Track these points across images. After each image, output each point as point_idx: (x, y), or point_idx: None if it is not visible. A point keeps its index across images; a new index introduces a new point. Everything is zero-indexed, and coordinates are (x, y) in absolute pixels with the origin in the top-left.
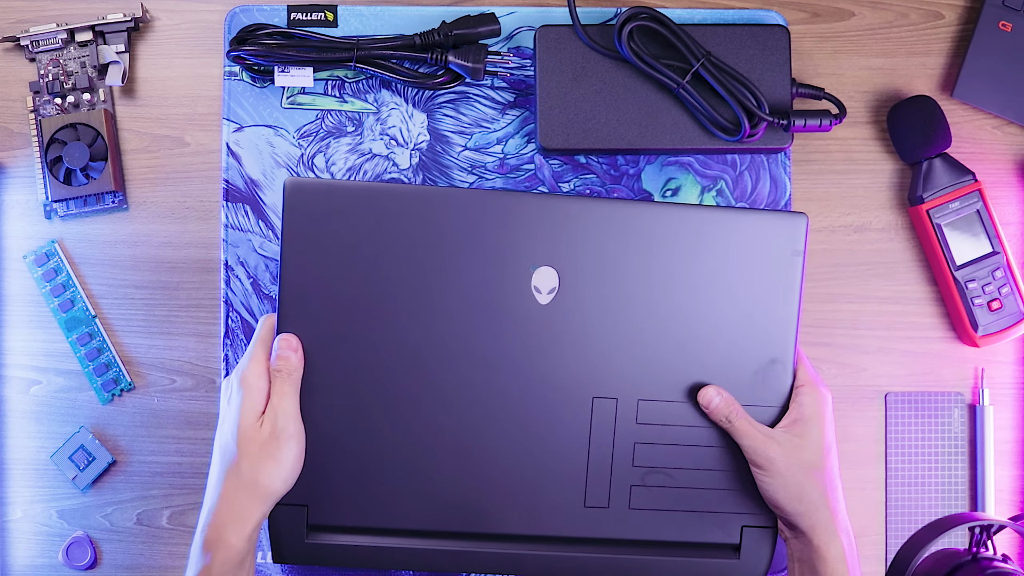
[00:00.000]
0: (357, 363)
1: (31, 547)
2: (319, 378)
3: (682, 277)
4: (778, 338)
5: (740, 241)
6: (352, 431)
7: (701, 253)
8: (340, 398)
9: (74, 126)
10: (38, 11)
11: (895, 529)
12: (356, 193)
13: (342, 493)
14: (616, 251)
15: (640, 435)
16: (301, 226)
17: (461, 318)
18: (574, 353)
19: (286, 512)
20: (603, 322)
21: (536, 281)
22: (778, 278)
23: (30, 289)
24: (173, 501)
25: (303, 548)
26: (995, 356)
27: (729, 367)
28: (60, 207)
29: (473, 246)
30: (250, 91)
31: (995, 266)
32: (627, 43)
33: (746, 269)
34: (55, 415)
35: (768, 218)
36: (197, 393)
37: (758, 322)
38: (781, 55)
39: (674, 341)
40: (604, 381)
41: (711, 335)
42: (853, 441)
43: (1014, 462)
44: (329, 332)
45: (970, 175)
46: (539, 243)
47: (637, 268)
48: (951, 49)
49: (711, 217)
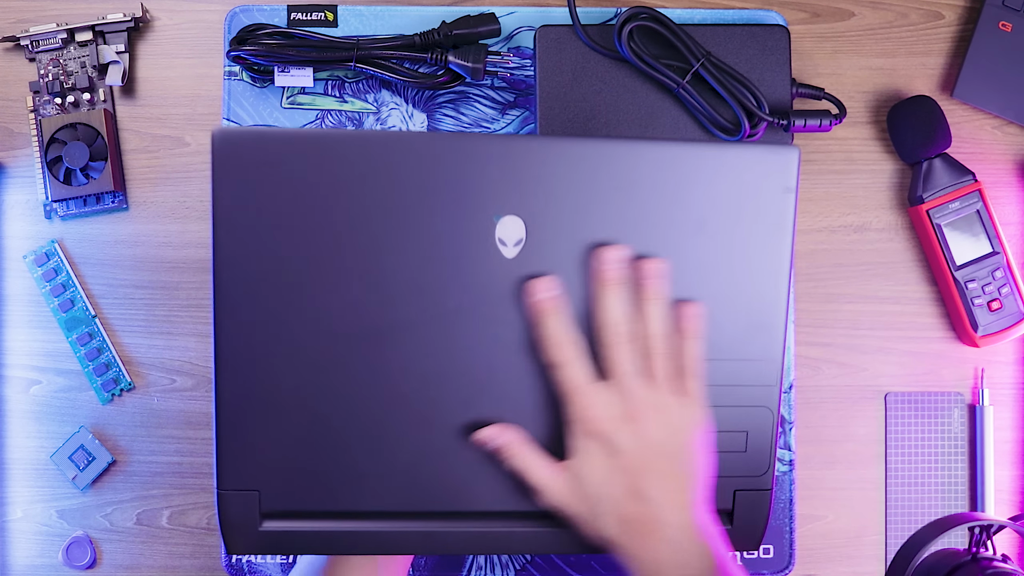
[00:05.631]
0: (305, 332)
1: (31, 547)
2: (264, 350)
3: (662, 222)
4: (770, 285)
5: (725, 179)
6: (303, 407)
7: (682, 194)
8: (288, 371)
9: (74, 126)
10: (38, 11)
11: (895, 529)
12: (295, 141)
13: (296, 475)
14: (588, 195)
15: None
16: (234, 182)
17: (418, 276)
18: None
19: (236, 499)
20: (575, 274)
21: (500, 232)
22: (768, 219)
23: (30, 289)
24: (173, 501)
25: (257, 537)
26: (995, 356)
27: (717, 318)
28: (60, 207)
29: (428, 196)
30: (250, 91)
31: (995, 266)
32: (627, 43)
33: (733, 210)
34: (55, 415)
35: (756, 152)
36: (197, 393)
37: (747, 268)
38: (781, 55)
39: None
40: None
41: (696, 284)
42: (853, 441)
43: (1014, 462)
44: (272, 299)
45: (970, 175)
46: (502, 190)
47: (612, 213)
48: (951, 49)
49: (692, 153)
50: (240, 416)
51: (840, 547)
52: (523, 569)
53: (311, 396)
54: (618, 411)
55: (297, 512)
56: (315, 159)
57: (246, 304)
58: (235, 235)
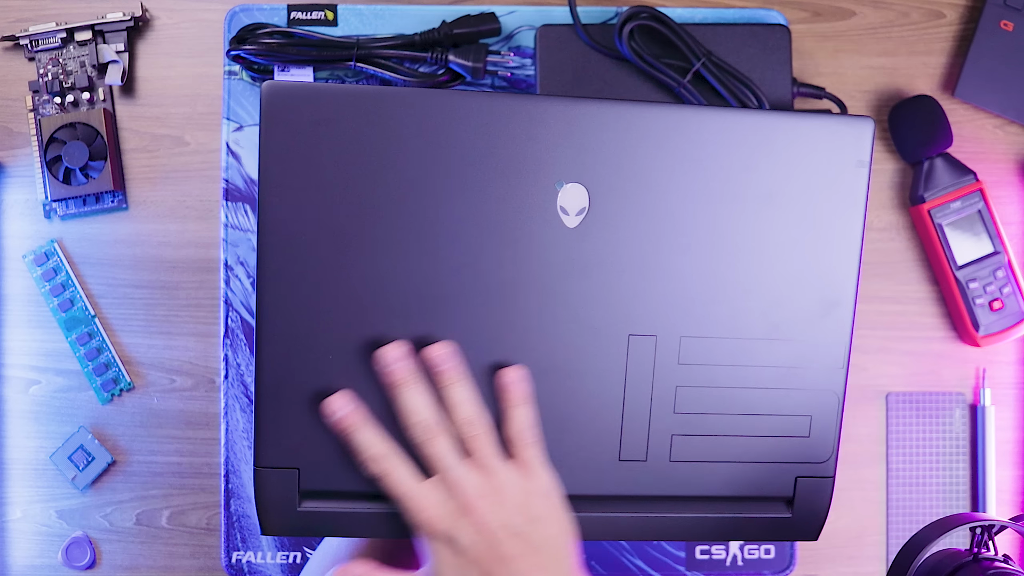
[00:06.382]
0: (352, 302)
1: (30, 547)
2: (308, 322)
3: (730, 194)
4: (841, 263)
5: (797, 150)
6: (350, 381)
7: (752, 165)
8: (333, 344)
9: (73, 125)
10: (37, 10)
11: (896, 529)
12: (349, 97)
13: (337, 454)
14: (654, 164)
15: (682, 377)
16: (283, 140)
17: (474, 245)
18: (606, 284)
19: (274, 477)
20: (640, 248)
21: (562, 200)
22: (841, 194)
23: (29, 289)
24: (172, 501)
25: (295, 517)
26: (996, 356)
27: (783, 298)
28: (59, 207)
29: (487, 159)
30: (250, 90)
31: (996, 266)
32: (627, 42)
33: (803, 183)
34: (54, 415)
35: (829, 123)
36: (197, 393)
37: (818, 245)
38: (782, 54)
39: (721, 269)
40: (641, 316)
41: (763, 260)
42: (854, 442)
43: (1015, 462)
44: (318, 265)
45: (971, 175)
46: (565, 156)
47: (679, 184)
48: (952, 48)
49: (764, 123)
50: (281, 390)
51: (841, 547)
52: None
53: (359, 371)
54: (451, 507)
55: (338, 492)
56: (369, 117)
57: (291, 270)
58: (282, 197)
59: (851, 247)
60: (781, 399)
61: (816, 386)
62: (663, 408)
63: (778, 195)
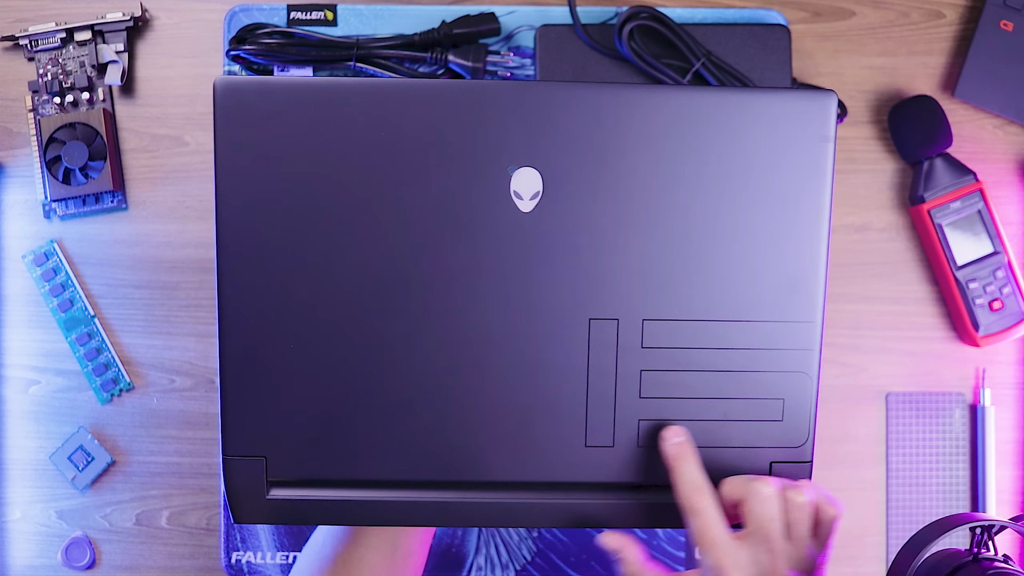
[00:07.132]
0: (312, 291)
1: (30, 547)
2: (269, 311)
3: (689, 172)
4: (808, 242)
5: (756, 127)
6: (311, 370)
7: (711, 142)
8: (295, 332)
9: (73, 125)
10: (37, 10)
11: (896, 529)
12: (299, 90)
13: (304, 441)
14: (609, 145)
15: (647, 361)
16: (237, 134)
17: (430, 233)
18: (565, 268)
19: (242, 465)
20: (597, 230)
21: (516, 185)
22: (805, 170)
23: (29, 289)
24: (172, 501)
25: (264, 505)
26: (996, 356)
27: (749, 278)
28: (59, 207)
29: (440, 147)
30: None
31: (996, 266)
32: (627, 43)
33: (765, 160)
34: (54, 415)
35: (790, 98)
36: (196, 393)
37: (783, 223)
38: (782, 54)
39: (683, 249)
40: (602, 300)
41: (727, 240)
42: (854, 442)
43: (1015, 462)
44: (277, 256)
45: (971, 175)
46: (517, 140)
47: (635, 164)
48: (952, 48)
49: (721, 100)
50: (245, 378)
51: (841, 547)
52: (523, 570)
53: (319, 359)
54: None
55: (306, 480)
56: (321, 109)
57: (250, 262)
58: (238, 190)
59: (818, 224)
60: (751, 382)
61: (788, 368)
62: (628, 393)
63: (739, 172)
